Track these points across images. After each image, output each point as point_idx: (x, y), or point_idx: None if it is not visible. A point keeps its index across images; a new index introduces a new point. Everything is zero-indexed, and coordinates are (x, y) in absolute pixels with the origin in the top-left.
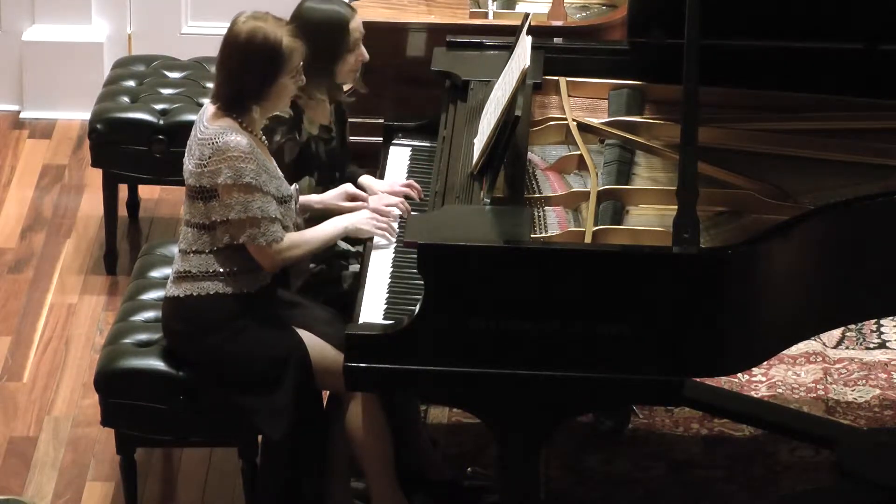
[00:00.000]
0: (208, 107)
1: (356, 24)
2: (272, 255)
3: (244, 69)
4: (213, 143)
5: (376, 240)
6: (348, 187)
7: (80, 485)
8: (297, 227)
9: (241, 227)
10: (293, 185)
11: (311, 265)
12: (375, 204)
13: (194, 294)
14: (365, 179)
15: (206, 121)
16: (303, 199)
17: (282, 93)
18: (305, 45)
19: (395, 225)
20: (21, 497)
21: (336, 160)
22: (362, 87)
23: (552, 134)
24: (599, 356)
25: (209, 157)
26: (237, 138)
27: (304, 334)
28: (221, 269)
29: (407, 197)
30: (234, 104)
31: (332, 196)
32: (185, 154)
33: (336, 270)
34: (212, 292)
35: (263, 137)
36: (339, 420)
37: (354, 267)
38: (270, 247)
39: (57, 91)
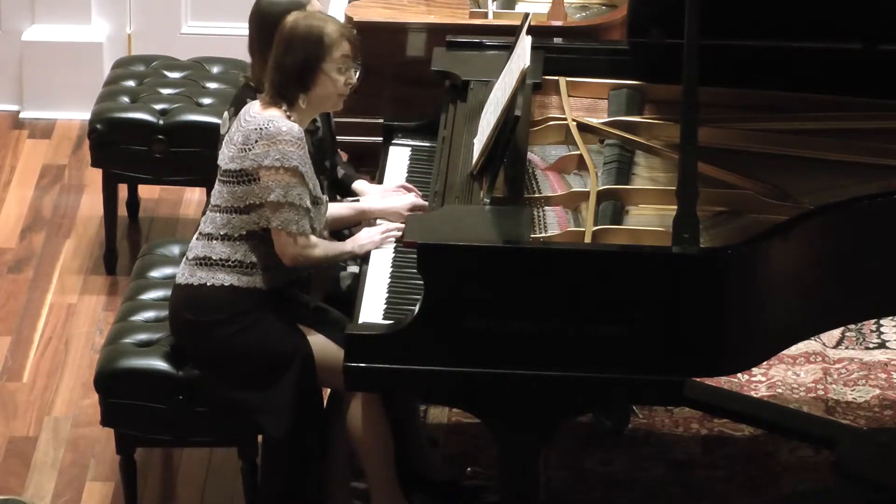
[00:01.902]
0: (254, 103)
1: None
2: (295, 247)
3: (287, 56)
4: (261, 129)
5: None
6: (412, 198)
7: (79, 485)
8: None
9: (276, 210)
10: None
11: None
12: (376, 236)
13: (208, 284)
14: (359, 185)
15: (254, 112)
16: (361, 206)
17: (326, 83)
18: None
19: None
20: (21, 497)
21: (325, 150)
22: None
23: (552, 134)
24: (599, 356)
25: (255, 142)
26: (288, 124)
27: (308, 332)
28: (242, 260)
29: None
30: (281, 93)
31: (392, 208)
32: (224, 144)
33: (334, 270)
34: (226, 284)
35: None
36: (339, 419)
37: (352, 268)
38: (299, 238)
39: (57, 91)
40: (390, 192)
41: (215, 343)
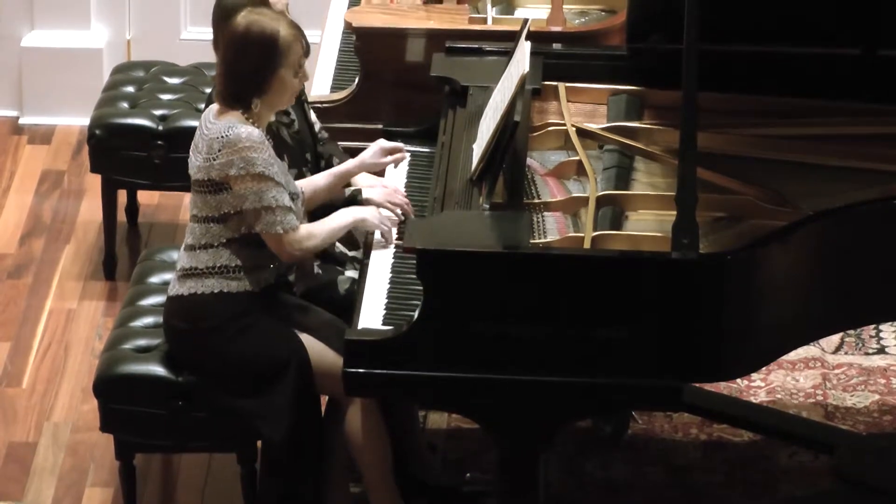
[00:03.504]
0: (213, 106)
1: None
2: (290, 244)
3: (242, 61)
4: (222, 137)
5: (375, 241)
6: (382, 142)
7: (79, 490)
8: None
9: (257, 217)
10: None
11: (318, 272)
12: (389, 195)
13: (198, 292)
14: (361, 178)
15: (212, 118)
16: (340, 167)
17: (283, 86)
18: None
19: (395, 231)
20: (20, 503)
21: (304, 141)
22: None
23: (551, 139)
24: (599, 361)
25: (218, 151)
26: (247, 129)
27: (305, 337)
28: (228, 264)
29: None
30: (236, 98)
31: (369, 155)
32: (190, 153)
33: (332, 275)
34: (216, 291)
35: (268, 136)
36: (337, 425)
37: (350, 272)
38: (288, 235)
39: (56, 97)
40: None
41: (211, 351)
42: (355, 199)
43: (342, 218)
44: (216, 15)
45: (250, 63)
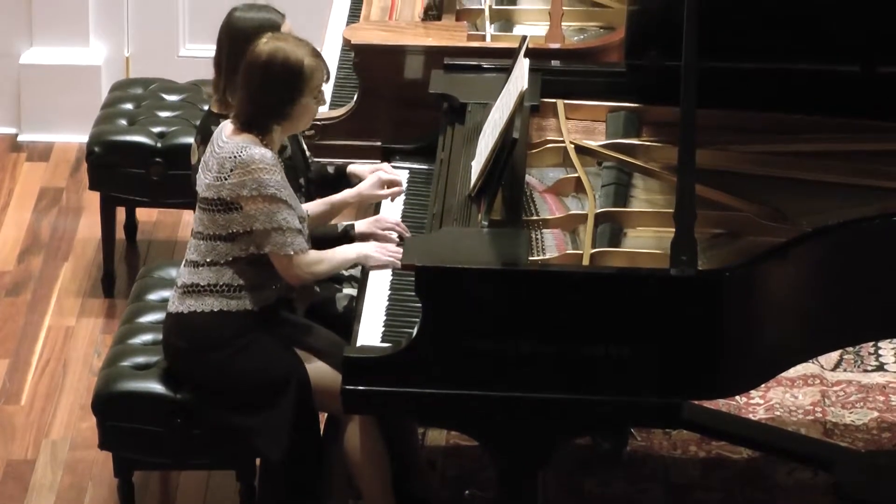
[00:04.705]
0: (226, 125)
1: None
2: (298, 267)
3: (265, 89)
4: (235, 157)
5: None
6: (381, 173)
7: None
8: None
9: (266, 237)
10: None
11: (316, 289)
12: (377, 224)
13: (197, 311)
14: (353, 168)
15: (225, 136)
16: (336, 197)
17: (304, 112)
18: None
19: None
20: None
21: (297, 167)
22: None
23: (550, 156)
24: (598, 379)
25: (230, 171)
26: (261, 151)
27: (304, 355)
28: (231, 283)
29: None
30: (255, 123)
31: (366, 187)
32: (200, 170)
33: (330, 293)
34: (215, 309)
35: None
36: (337, 442)
37: (348, 290)
38: (297, 257)
39: (55, 114)
40: (376, 174)
41: (210, 368)
42: (347, 234)
43: (346, 253)
44: (226, 33)
45: (274, 91)
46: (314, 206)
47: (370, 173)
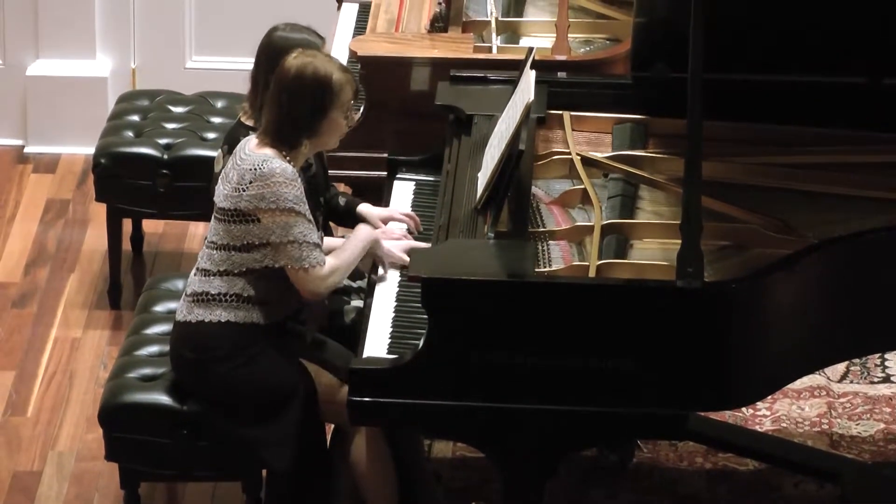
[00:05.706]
0: (250, 139)
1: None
2: (314, 281)
3: (295, 102)
4: (255, 169)
5: (380, 276)
6: (395, 223)
7: None
8: None
9: (282, 251)
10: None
11: (325, 302)
12: (384, 237)
13: (205, 320)
14: (363, 208)
15: (249, 149)
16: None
17: (333, 128)
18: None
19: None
20: None
21: (319, 185)
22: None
23: (556, 168)
24: (604, 390)
25: (250, 183)
26: (282, 164)
27: (311, 367)
28: (241, 294)
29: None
30: (284, 137)
31: (388, 254)
32: (220, 181)
33: (338, 304)
34: (223, 320)
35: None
36: (343, 454)
37: (356, 302)
38: (314, 270)
39: (61, 126)
40: (397, 213)
41: (216, 379)
42: (350, 212)
43: (356, 246)
44: (265, 52)
45: (304, 105)
46: (330, 242)
47: (378, 218)
